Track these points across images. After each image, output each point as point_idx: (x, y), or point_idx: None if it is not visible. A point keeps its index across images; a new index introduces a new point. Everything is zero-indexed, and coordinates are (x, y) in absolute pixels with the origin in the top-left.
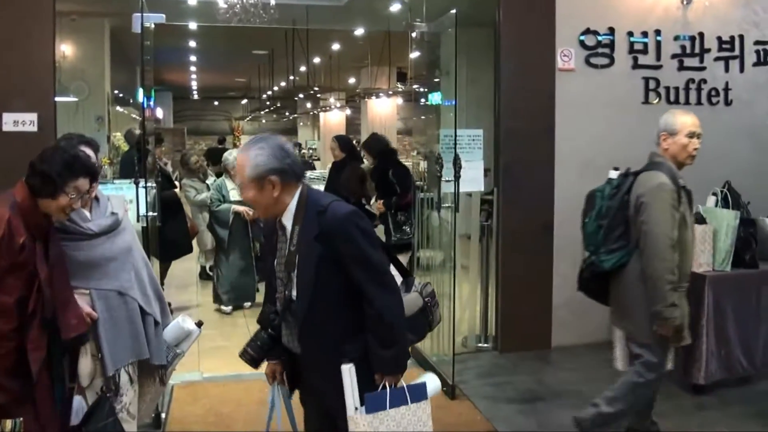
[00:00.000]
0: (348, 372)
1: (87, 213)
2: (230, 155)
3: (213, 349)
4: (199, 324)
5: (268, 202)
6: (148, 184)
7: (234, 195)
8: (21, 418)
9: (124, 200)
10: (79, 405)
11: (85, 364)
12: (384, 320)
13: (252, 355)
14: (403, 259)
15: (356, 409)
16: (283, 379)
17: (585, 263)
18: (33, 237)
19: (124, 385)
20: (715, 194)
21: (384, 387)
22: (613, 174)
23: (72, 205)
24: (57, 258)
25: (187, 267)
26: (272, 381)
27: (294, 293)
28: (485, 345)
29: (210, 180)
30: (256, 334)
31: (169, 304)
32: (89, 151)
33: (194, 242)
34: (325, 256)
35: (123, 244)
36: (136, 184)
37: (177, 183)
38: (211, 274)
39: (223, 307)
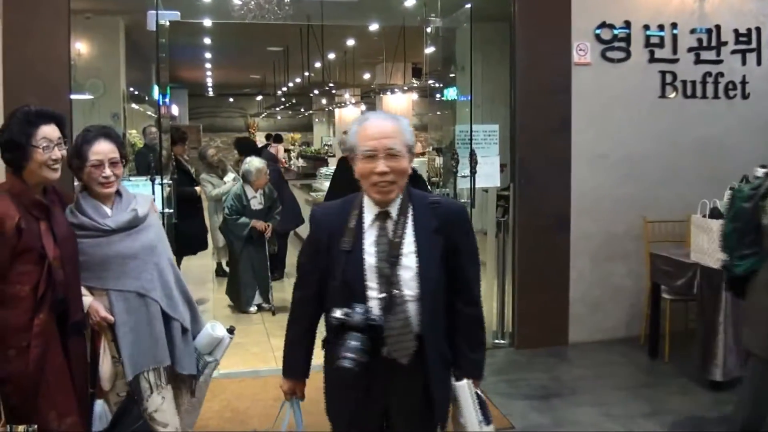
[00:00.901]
0: (468, 387)
1: (107, 209)
2: (251, 164)
3: (230, 346)
4: (231, 330)
5: (406, 180)
6: (164, 181)
7: (254, 204)
8: (35, 425)
9: (152, 198)
10: (101, 410)
11: (106, 367)
12: (482, 320)
13: (360, 361)
14: None
15: (480, 422)
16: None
17: (722, 265)
18: (35, 217)
19: (144, 392)
20: (732, 188)
21: (478, 395)
22: (760, 172)
23: (52, 156)
24: (65, 237)
25: (202, 263)
26: (290, 398)
27: (406, 291)
28: (501, 341)
29: (229, 177)
30: (324, 343)
31: None
32: (109, 143)
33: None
34: (444, 251)
35: (146, 242)
36: (152, 180)
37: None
38: (227, 270)
39: (249, 309)
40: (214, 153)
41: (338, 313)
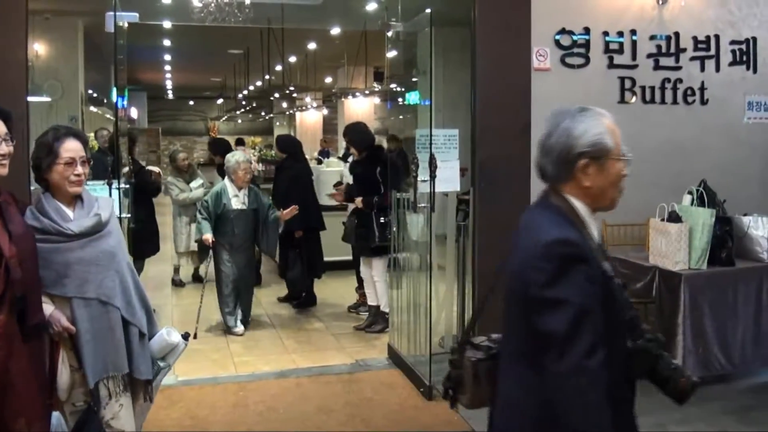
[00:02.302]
0: None
1: (69, 212)
2: (233, 157)
3: (188, 352)
4: (186, 336)
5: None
6: (122, 186)
7: (235, 203)
8: None
9: (113, 203)
10: (57, 422)
11: (65, 377)
12: None
13: None
14: (382, 262)
15: None
16: None
17: None
18: None
19: (103, 399)
20: (690, 192)
21: None
22: None
23: (1, 152)
24: (20, 235)
25: (161, 269)
26: None
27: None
28: None
29: (196, 182)
30: None
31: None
32: (78, 143)
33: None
34: None
35: (107, 248)
36: (110, 185)
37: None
38: (202, 276)
39: (235, 330)
40: (185, 157)
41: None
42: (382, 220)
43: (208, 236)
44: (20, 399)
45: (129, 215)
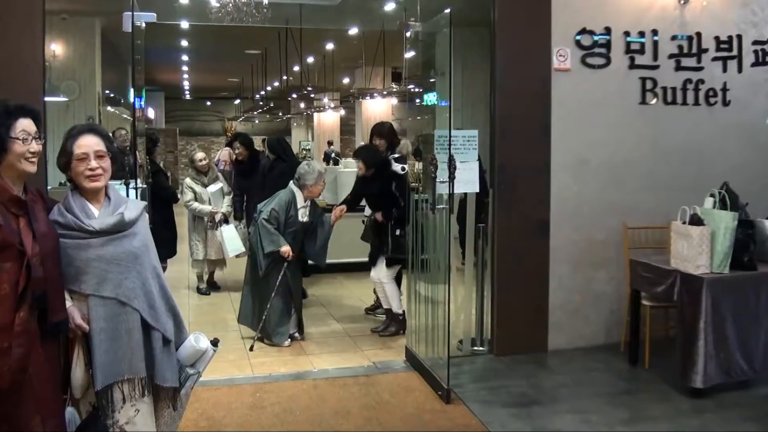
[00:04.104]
0: None
1: (95, 210)
2: (313, 168)
3: None
4: (215, 342)
5: None
6: (139, 186)
7: (302, 215)
8: None
9: (144, 206)
10: (72, 417)
11: (79, 374)
12: None
13: None
14: (394, 271)
15: None
16: None
17: None
18: (13, 214)
19: (117, 403)
20: (712, 195)
21: None
22: None
23: (30, 149)
24: (44, 234)
25: (177, 269)
26: None
27: None
28: (480, 348)
29: (214, 187)
30: None
31: None
32: (94, 137)
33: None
34: None
35: (130, 248)
36: (127, 185)
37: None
38: (218, 283)
39: (285, 344)
40: (202, 158)
41: None
42: (397, 232)
43: (287, 248)
44: (36, 396)
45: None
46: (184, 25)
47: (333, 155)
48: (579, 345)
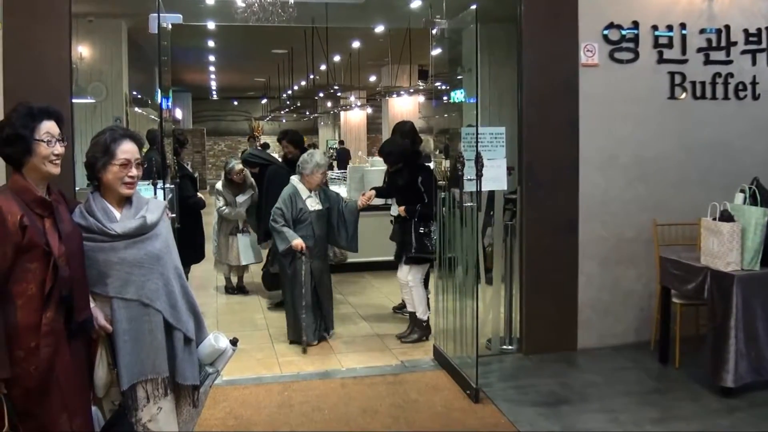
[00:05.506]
0: None
1: (117, 213)
2: (312, 158)
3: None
4: (234, 342)
5: None
6: (167, 186)
7: (311, 204)
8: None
9: (164, 206)
10: (95, 417)
11: (102, 373)
12: None
13: None
14: (421, 271)
15: None
16: None
17: None
18: (38, 214)
19: (141, 402)
20: (743, 191)
21: None
22: None
23: (54, 151)
24: (69, 234)
25: (205, 268)
26: None
27: None
28: (509, 347)
29: (243, 197)
30: None
31: None
32: (134, 145)
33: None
34: None
35: (152, 250)
36: (155, 185)
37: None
38: (244, 287)
39: (312, 342)
40: (240, 170)
41: None
42: (421, 230)
43: (299, 242)
44: (63, 394)
45: (174, 215)
46: (210, 25)
47: (332, 157)
48: (608, 343)
